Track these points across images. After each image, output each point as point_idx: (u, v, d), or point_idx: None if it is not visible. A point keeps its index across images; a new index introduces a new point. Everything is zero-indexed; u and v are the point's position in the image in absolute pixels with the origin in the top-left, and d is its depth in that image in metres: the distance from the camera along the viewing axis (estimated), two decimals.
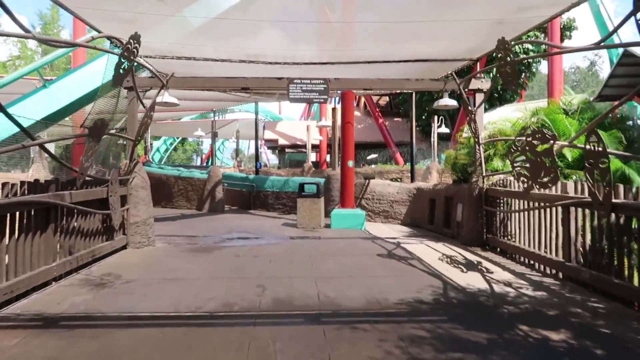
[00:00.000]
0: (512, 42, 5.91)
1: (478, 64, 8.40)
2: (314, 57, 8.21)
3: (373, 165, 24.13)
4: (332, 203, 13.41)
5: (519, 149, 6.15)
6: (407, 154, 21.85)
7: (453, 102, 8.62)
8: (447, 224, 10.24)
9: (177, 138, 37.32)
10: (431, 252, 7.75)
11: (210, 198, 15.21)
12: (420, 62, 8.24)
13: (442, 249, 8.05)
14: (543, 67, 28.30)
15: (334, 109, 14.01)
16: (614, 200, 4.76)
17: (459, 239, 8.94)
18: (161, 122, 22.29)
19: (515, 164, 6.28)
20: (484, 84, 8.39)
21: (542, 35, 20.47)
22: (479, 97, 8.34)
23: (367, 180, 13.32)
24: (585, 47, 4.72)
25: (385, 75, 8.56)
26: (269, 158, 56.93)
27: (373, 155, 27.31)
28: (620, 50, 13.96)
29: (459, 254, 7.56)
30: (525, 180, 6.08)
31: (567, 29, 22.22)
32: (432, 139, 17.10)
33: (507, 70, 6.04)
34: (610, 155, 4.81)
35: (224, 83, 8.25)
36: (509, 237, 7.38)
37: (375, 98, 26.02)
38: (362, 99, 26.69)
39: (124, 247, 7.74)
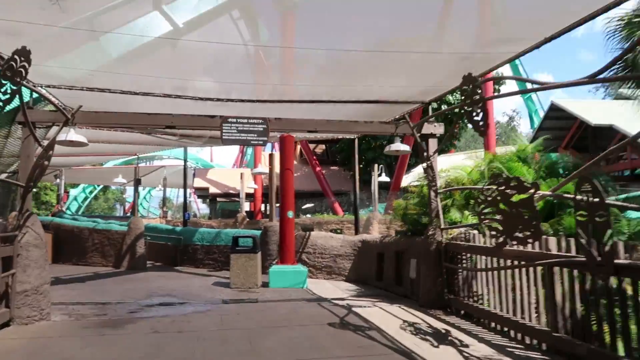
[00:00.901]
0: (480, 79, 5.24)
1: (430, 107, 7.79)
2: (251, 94, 7.23)
3: (309, 215, 23.17)
4: (270, 258, 12.12)
5: (488, 199, 5.38)
6: (345, 204, 21.14)
7: (406, 147, 7.91)
8: (398, 281, 9.30)
9: (98, 186, 34.47)
10: (389, 318, 6.69)
11: (130, 254, 13.37)
12: (370, 104, 7.50)
13: (401, 313, 7.02)
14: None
15: (271, 155, 13.03)
16: (617, 261, 4.00)
17: (416, 299, 7.99)
18: (78, 167, 20.14)
19: (483, 216, 5.49)
20: (437, 128, 7.77)
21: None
22: (432, 143, 7.68)
23: (308, 233, 12.23)
24: (580, 80, 4.07)
25: (331, 116, 7.71)
26: (199, 208, 54.50)
27: (308, 205, 26.41)
28: (545, 104, 14.35)
29: (422, 320, 6.56)
30: (497, 234, 5.28)
31: (496, 83, 23.13)
32: (372, 188, 16.47)
33: (473, 110, 5.34)
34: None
35: (145, 120, 6.99)
36: (475, 298, 6.51)
37: (311, 146, 25.42)
38: (298, 147, 25.99)
39: (5, 325, 6.02)
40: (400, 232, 10.39)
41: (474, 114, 5.27)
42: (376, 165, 16.94)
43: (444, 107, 15.62)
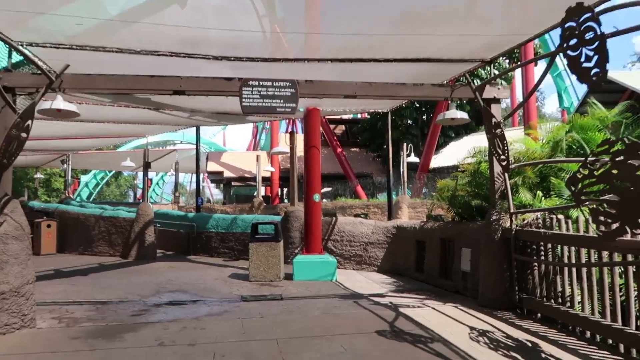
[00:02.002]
0: (595, 10, 3.84)
1: (492, 66, 6.38)
2: (277, 51, 5.90)
3: (327, 200, 21.85)
4: (292, 247, 10.91)
5: (595, 174, 4.03)
6: (369, 187, 19.83)
7: (463, 115, 6.52)
8: (445, 274, 8.00)
9: (109, 172, 33.54)
10: (450, 323, 5.40)
11: (139, 242, 12.24)
12: (421, 63, 6.13)
13: (461, 316, 5.73)
14: None
15: (291, 133, 11.74)
16: None
17: (471, 296, 6.72)
18: (85, 152, 19.06)
19: (583, 197, 4.15)
20: (502, 91, 6.38)
21: (507, 61, 19.40)
22: (496, 109, 6.29)
23: (334, 218, 10.96)
24: None
25: (373, 78, 6.35)
26: (213, 193, 53.60)
27: (328, 189, 25.13)
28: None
29: (492, 326, 5.25)
30: (608, 220, 3.95)
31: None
32: (400, 169, 15.10)
33: (580, 55, 3.96)
34: None
35: (149, 84, 5.70)
36: (560, 299, 5.19)
37: (331, 127, 23.96)
38: None
39: None
40: (433, 216, 9.06)
41: (583, 58, 3.89)
42: (405, 145, 15.55)
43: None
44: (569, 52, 4.04)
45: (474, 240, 6.93)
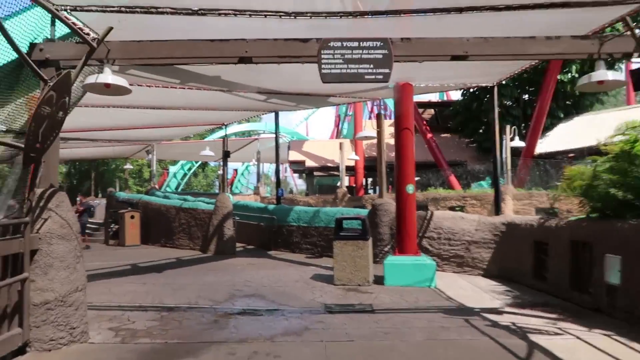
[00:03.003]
0: None
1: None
2: (364, 2, 4.59)
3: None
4: (381, 244, 9.63)
5: None
6: (464, 176, 17.89)
7: (617, 76, 4.78)
8: (578, 285, 6.28)
9: (196, 163, 34.29)
10: None
11: (217, 236, 11.61)
12: (556, 10, 4.53)
13: (625, 354, 4.11)
14: None
15: (378, 115, 10.39)
16: None
17: (624, 319, 5.03)
18: (167, 143, 19.08)
19: None
20: None
21: None
22: None
23: (429, 212, 9.49)
24: None
25: (486, 32, 4.83)
26: (297, 183, 53.56)
27: (415, 179, 23.34)
28: None
29: None
30: None
31: None
32: (503, 155, 13.14)
33: None
34: None
35: (209, 50, 4.66)
36: None
37: (419, 110, 22.08)
38: None
39: (20, 352, 4.14)
40: (549, 210, 7.27)
41: None
42: (508, 127, 13.55)
43: None
44: None
45: (626, 244, 5.21)
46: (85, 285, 4.75)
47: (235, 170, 42.06)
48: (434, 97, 27.42)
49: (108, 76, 4.59)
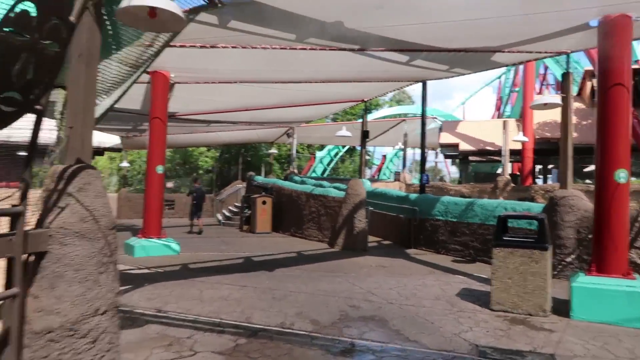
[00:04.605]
0: None
1: None
2: None
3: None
4: (561, 254, 6.94)
5: None
6: None
7: None
8: None
9: (343, 147, 33.24)
10: None
11: (347, 229, 9.87)
12: None
13: None
14: None
15: (567, 74, 7.43)
16: None
17: None
18: (307, 125, 17.99)
19: None
20: None
21: None
22: None
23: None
24: None
25: None
26: (450, 171, 49.72)
27: (592, 167, 18.74)
28: None
29: None
30: None
31: None
32: None
33: None
34: None
35: None
36: None
37: None
38: (588, 84, 18.11)
39: None
40: None
41: None
42: None
43: None
44: None
45: None
46: (115, 305, 3.29)
47: (384, 156, 40.19)
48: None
49: None
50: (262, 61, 7.65)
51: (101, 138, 15.51)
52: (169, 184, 25.56)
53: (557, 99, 7.18)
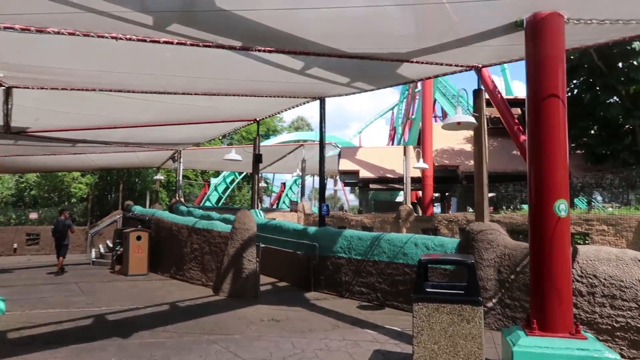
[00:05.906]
0: None
1: None
2: None
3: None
4: (481, 299, 5.86)
5: None
6: (572, 193, 13.57)
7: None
8: None
9: (240, 174, 31.26)
10: None
11: (234, 270, 8.18)
12: None
13: None
14: None
15: (478, 91, 6.58)
16: None
17: None
18: (192, 149, 16.10)
19: None
20: None
21: None
22: None
23: (572, 248, 5.58)
24: None
25: None
26: (348, 199, 49.83)
27: (491, 194, 19.09)
28: None
29: None
30: None
31: None
32: None
33: None
34: None
35: None
36: None
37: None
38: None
39: None
40: None
41: None
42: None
43: None
44: None
45: None
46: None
47: (283, 183, 38.94)
48: (522, 92, 22.78)
49: None
50: (117, 60, 5.89)
51: None
52: (33, 215, 21.73)
53: (469, 117, 6.30)
